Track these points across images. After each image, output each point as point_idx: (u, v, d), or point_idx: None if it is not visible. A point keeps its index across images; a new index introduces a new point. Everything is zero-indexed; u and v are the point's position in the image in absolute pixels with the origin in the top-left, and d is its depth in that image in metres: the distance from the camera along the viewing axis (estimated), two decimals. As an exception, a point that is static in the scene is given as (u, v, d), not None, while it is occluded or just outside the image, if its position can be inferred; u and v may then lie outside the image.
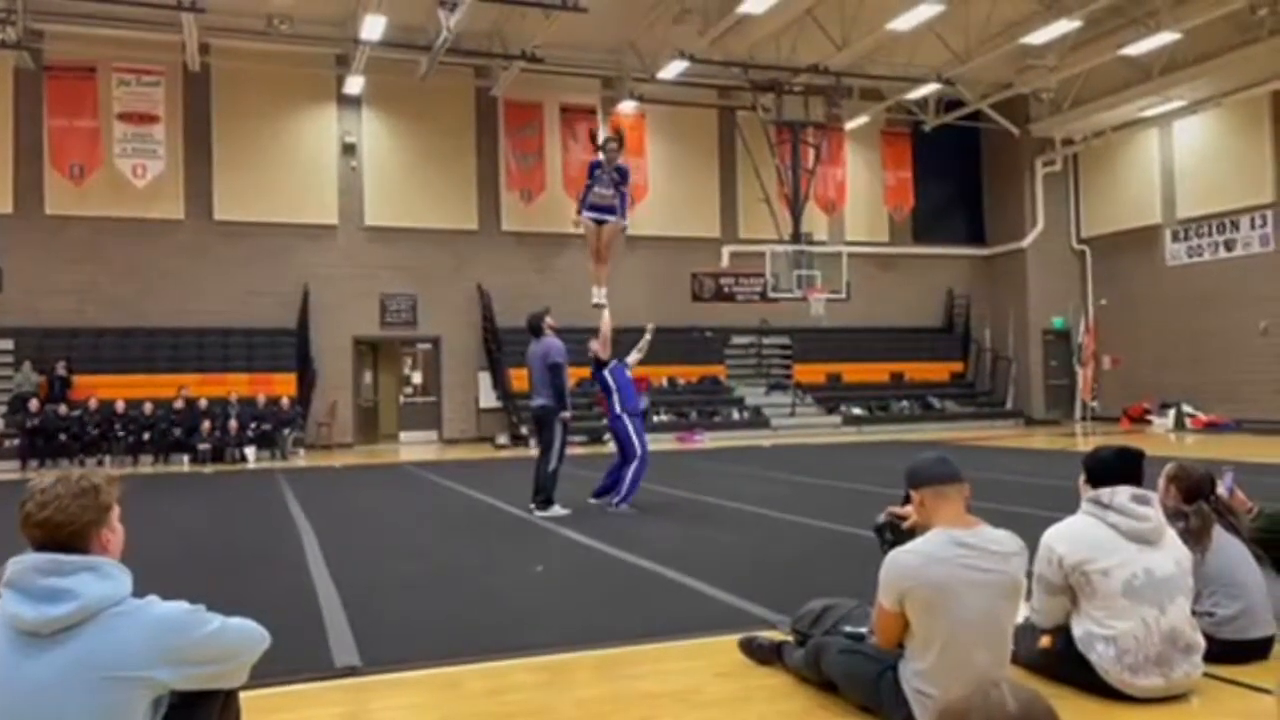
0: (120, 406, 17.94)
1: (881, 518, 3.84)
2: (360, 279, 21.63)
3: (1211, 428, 20.89)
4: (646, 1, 19.83)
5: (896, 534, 3.63)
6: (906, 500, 3.59)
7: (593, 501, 9.70)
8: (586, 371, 12.06)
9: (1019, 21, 19.61)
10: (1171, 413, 21.88)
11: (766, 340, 24.61)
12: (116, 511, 2.46)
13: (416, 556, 7.23)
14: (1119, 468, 3.79)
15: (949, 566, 3.17)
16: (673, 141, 24.00)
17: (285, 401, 19.32)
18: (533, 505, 9.38)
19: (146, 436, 17.86)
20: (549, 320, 9.62)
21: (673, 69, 20.33)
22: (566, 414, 9.45)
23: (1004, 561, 3.23)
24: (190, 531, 9.00)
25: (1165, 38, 18.94)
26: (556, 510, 9.22)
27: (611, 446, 10.17)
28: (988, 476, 11.44)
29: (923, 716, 3.22)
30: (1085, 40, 20.54)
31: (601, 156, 10.19)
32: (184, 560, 7.23)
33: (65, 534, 2.32)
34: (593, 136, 10.86)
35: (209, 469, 16.83)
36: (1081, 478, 3.89)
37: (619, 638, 4.68)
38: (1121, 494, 3.69)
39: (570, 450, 10.32)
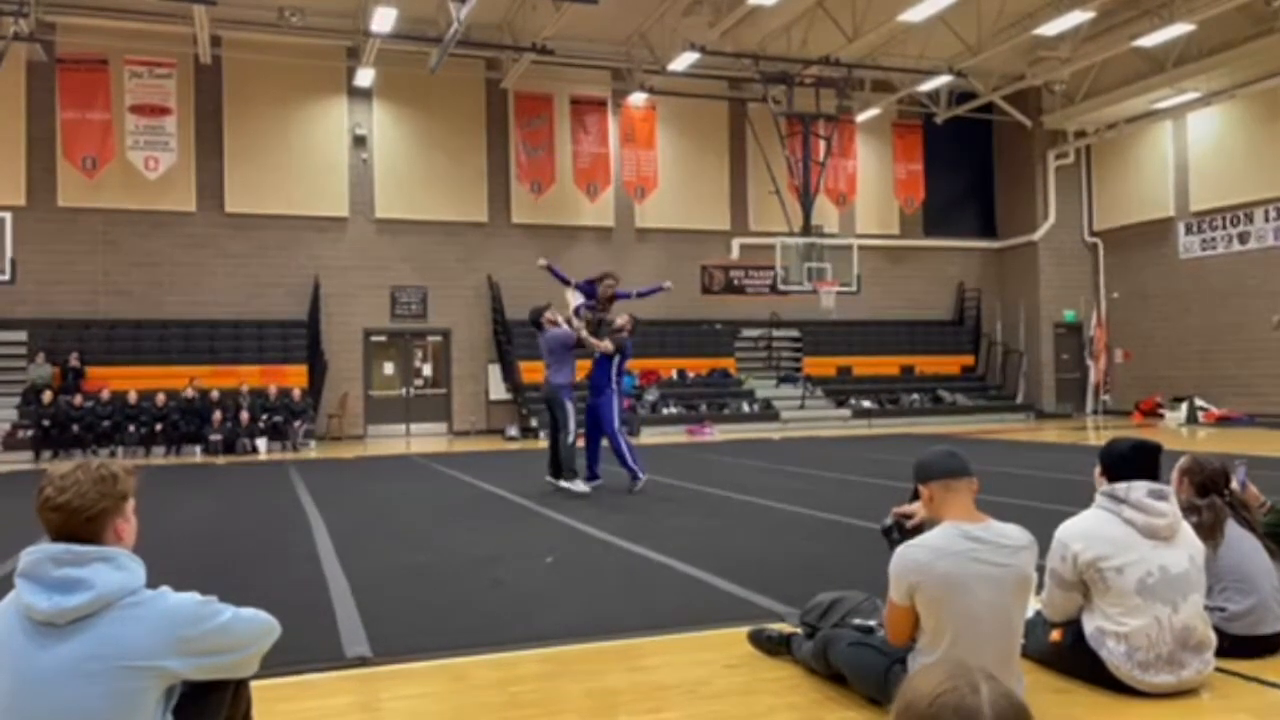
0: (133, 398, 18.04)
1: (888, 520, 3.84)
2: (370, 271, 21.69)
3: (1224, 422, 20.78)
4: (657, -7, 19.80)
5: (903, 534, 3.63)
6: (914, 496, 3.58)
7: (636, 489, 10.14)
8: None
9: (1032, 13, 19.50)
10: (1184, 407, 21.77)
11: (776, 333, 24.58)
12: (132, 503, 2.48)
13: (426, 547, 7.26)
14: (1136, 461, 3.72)
15: (959, 560, 3.16)
16: (683, 133, 23.96)
17: (296, 393, 19.40)
18: (560, 480, 9.96)
19: (159, 428, 17.93)
20: (549, 315, 10.21)
21: (683, 61, 20.28)
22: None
23: (1014, 555, 3.22)
24: (202, 522, 9.05)
25: (1179, 29, 18.83)
26: (578, 485, 9.80)
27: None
28: (998, 470, 11.42)
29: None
30: (1098, 31, 20.43)
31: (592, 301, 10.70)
32: (196, 551, 7.27)
33: (82, 519, 2.34)
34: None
35: (221, 460, 16.91)
36: (1097, 469, 3.85)
37: (628, 629, 4.69)
38: (1138, 489, 3.63)
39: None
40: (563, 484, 9.85)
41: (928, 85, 22.88)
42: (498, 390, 22.16)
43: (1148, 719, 3.42)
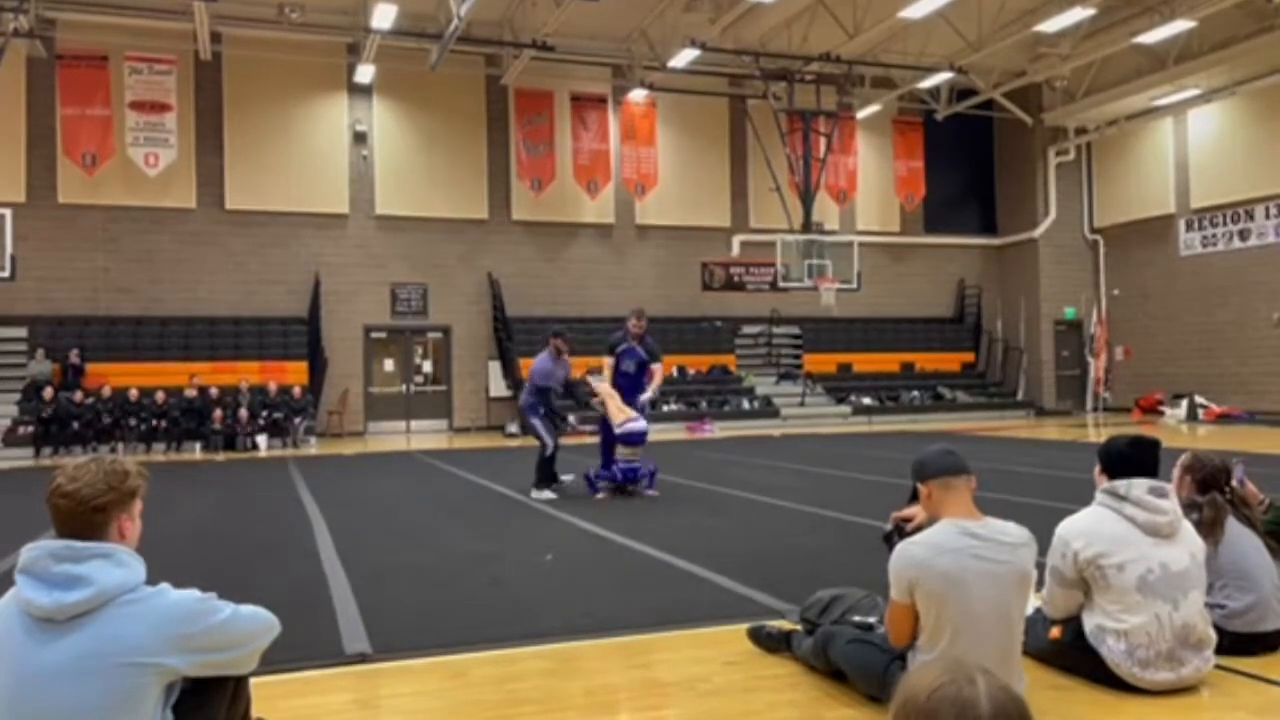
0: (133, 394, 18.04)
1: (888, 526, 3.84)
2: (371, 268, 21.69)
3: (1224, 419, 20.77)
4: (657, -10, 19.77)
5: (903, 537, 3.63)
6: (913, 495, 3.58)
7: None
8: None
9: (1032, 9, 19.48)
10: (1184, 404, 21.76)
11: (777, 330, 24.58)
12: (139, 505, 2.49)
13: (426, 544, 7.26)
14: (1135, 457, 3.72)
15: (958, 557, 3.16)
16: (683, 130, 23.94)
17: (297, 390, 19.40)
18: (532, 491, 9.93)
19: (159, 424, 17.94)
20: (557, 342, 9.98)
21: (683, 57, 20.26)
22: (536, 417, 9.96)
23: (1013, 552, 3.22)
24: (202, 519, 9.05)
25: (1180, 26, 18.80)
26: (545, 494, 9.73)
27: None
28: (998, 468, 11.43)
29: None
30: (1099, 28, 20.41)
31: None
32: (196, 548, 7.27)
33: (88, 508, 2.36)
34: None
35: (221, 457, 16.92)
36: (1097, 468, 3.84)
37: (627, 626, 4.69)
38: (1139, 486, 3.63)
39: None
40: (533, 494, 9.73)
41: (928, 82, 22.86)
42: (498, 387, 22.15)
43: (1147, 716, 3.42)
